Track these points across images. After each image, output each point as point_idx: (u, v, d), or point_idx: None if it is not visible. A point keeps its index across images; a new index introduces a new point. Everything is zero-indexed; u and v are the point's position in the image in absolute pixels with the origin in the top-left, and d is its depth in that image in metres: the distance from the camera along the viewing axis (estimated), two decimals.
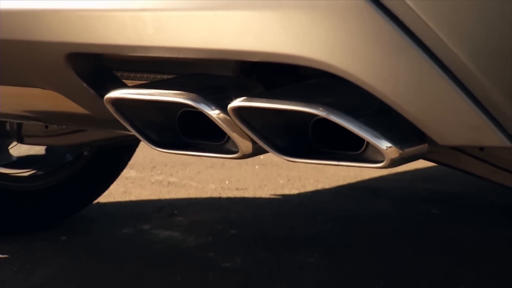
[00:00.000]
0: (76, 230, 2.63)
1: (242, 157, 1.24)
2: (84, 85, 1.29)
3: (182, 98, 1.19)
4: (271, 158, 3.52)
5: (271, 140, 1.19)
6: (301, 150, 1.20)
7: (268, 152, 1.21)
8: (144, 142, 1.30)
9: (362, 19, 1.04)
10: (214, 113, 1.18)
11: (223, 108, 1.17)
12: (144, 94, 1.24)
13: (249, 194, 3.11)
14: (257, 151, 1.23)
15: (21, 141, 2.41)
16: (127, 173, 3.30)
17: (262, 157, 3.50)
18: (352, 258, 2.38)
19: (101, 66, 1.32)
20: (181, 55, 1.18)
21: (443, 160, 1.61)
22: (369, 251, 2.44)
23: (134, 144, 2.64)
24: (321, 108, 1.11)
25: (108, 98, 1.25)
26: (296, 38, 1.08)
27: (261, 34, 1.09)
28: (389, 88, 1.07)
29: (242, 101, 1.15)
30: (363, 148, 1.17)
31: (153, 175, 3.38)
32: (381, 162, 1.13)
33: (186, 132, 1.29)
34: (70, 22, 1.22)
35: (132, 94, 1.24)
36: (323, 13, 1.06)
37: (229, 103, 1.16)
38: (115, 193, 3.04)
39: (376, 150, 1.12)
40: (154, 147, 1.29)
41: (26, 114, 1.64)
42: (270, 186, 3.22)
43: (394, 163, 1.12)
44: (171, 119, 1.28)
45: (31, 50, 1.29)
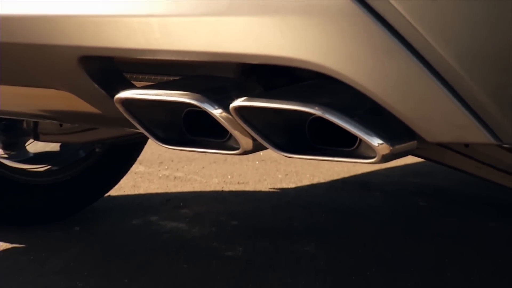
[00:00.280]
0: (88, 222, 2.63)
1: (243, 153, 1.24)
2: (95, 86, 1.29)
3: (187, 98, 1.19)
4: (270, 154, 3.51)
5: (270, 137, 1.19)
6: (298, 146, 1.20)
7: (267, 148, 1.20)
8: (151, 139, 1.30)
9: (355, 24, 1.04)
10: (217, 112, 1.18)
11: (225, 107, 1.17)
12: (151, 95, 1.23)
13: (249, 187, 3.10)
14: (257, 148, 1.23)
15: (37, 138, 2.41)
16: (136, 168, 3.29)
17: (261, 153, 3.50)
18: (345, 247, 2.38)
19: (111, 68, 1.31)
20: (186, 58, 1.18)
21: (431, 156, 1.61)
22: (361, 241, 2.44)
23: (143, 141, 2.64)
24: (317, 107, 1.11)
25: (118, 98, 1.25)
26: (293, 42, 1.07)
27: (260, 38, 1.09)
28: (380, 88, 1.06)
29: (243, 101, 1.15)
30: (356, 144, 1.17)
31: (160, 170, 3.37)
32: (373, 158, 1.13)
33: (190, 130, 1.29)
34: (83, 27, 1.21)
35: (140, 94, 1.24)
36: (318, 18, 1.05)
37: (231, 103, 1.16)
38: (125, 187, 3.04)
39: (368, 146, 1.12)
40: (161, 144, 1.28)
41: (41, 113, 1.64)
42: (269, 181, 3.22)
43: (385, 159, 1.12)
44: (177, 118, 1.28)
45: (46, 54, 1.29)
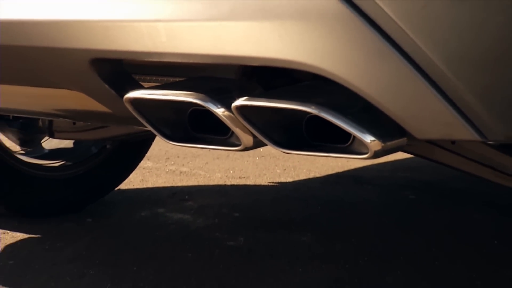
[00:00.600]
0: (100, 213, 2.63)
1: (244, 149, 1.23)
2: (106, 86, 1.28)
3: (192, 98, 1.19)
4: (270, 150, 3.51)
5: (270, 134, 1.18)
6: (295, 143, 1.19)
7: (267, 145, 1.20)
8: (158, 137, 1.29)
9: (349, 29, 1.03)
10: (219, 111, 1.17)
11: (228, 106, 1.17)
12: (158, 95, 1.23)
13: (250, 182, 3.10)
14: (257, 144, 1.22)
15: (52, 136, 2.41)
16: (145, 163, 3.29)
17: (261, 149, 3.50)
18: (339, 237, 2.37)
19: (121, 70, 1.30)
20: (190, 60, 1.17)
21: (420, 152, 1.60)
22: (354, 231, 2.43)
23: (150, 138, 2.64)
24: (313, 106, 1.10)
25: (127, 98, 1.25)
26: (290, 45, 1.07)
27: (260, 41, 1.08)
28: (373, 89, 1.06)
29: (244, 100, 1.14)
30: (350, 141, 1.16)
31: (167, 165, 3.37)
32: (365, 154, 1.12)
33: (195, 127, 1.28)
34: (94, 31, 1.21)
35: (148, 94, 1.23)
36: (314, 23, 1.05)
37: (232, 102, 1.15)
38: (134, 181, 3.03)
39: (361, 143, 1.12)
40: (167, 141, 1.28)
41: (56, 112, 1.63)
42: (269, 175, 3.22)
43: (377, 155, 1.11)
44: (182, 116, 1.27)
45: (60, 56, 1.28)
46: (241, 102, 1.15)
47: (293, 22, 1.05)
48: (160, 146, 3.60)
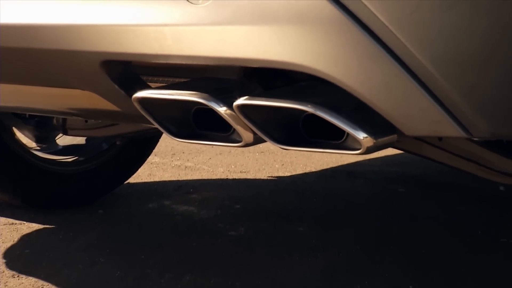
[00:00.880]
0: (110, 205, 2.62)
1: (245, 145, 1.23)
2: (115, 87, 1.28)
3: (196, 97, 1.18)
4: (269, 146, 3.51)
5: (269, 131, 1.18)
6: (293, 140, 1.19)
7: (266, 141, 1.20)
8: (165, 134, 1.29)
9: (343, 33, 1.03)
10: (222, 109, 1.17)
11: (229, 105, 1.16)
12: (165, 94, 1.23)
13: (250, 176, 3.10)
14: (257, 141, 1.22)
15: (65, 133, 2.40)
16: (152, 159, 3.29)
17: (261, 145, 3.50)
18: (334, 227, 2.37)
19: (129, 71, 1.30)
20: (194, 62, 1.17)
21: (409, 148, 1.60)
22: (347, 222, 2.43)
23: (157, 135, 2.63)
24: (309, 105, 1.10)
25: (135, 98, 1.24)
26: (288, 48, 1.07)
27: (260, 45, 1.08)
28: (365, 88, 1.06)
29: (245, 99, 1.14)
30: (344, 138, 1.16)
31: (173, 161, 3.37)
32: (358, 149, 1.12)
33: (199, 125, 1.28)
34: (104, 35, 1.21)
35: (155, 94, 1.23)
36: (310, 27, 1.05)
37: (234, 102, 1.15)
38: (142, 175, 3.03)
39: (354, 139, 1.11)
40: (173, 138, 1.28)
41: (69, 110, 1.63)
42: (268, 170, 3.21)
43: (369, 150, 1.11)
44: (187, 115, 1.27)
45: (73, 58, 1.28)
46: (242, 101, 1.14)
47: (291, 26, 1.05)
48: (166, 142, 3.59)
